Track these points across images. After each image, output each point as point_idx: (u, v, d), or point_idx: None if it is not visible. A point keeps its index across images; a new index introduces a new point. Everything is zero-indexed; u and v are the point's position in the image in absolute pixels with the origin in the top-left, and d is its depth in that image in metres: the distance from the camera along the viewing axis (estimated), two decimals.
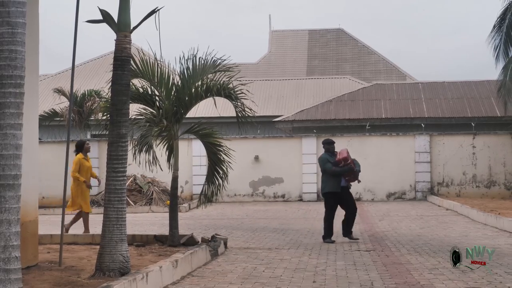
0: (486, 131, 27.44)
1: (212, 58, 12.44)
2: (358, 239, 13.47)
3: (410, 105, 31.96)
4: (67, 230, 13.85)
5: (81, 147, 14.95)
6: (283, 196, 27.50)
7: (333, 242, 13.13)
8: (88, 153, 15.28)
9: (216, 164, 12.70)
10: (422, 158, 26.76)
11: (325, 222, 13.48)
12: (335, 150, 14.10)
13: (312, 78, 42.17)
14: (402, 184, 26.86)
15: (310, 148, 27.30)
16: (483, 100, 31.61)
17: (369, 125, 29.79)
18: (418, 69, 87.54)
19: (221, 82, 12.47)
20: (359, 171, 13.72)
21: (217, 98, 12.71)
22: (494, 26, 24.23)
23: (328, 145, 14.15)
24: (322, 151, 27.03)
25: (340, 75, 43.70)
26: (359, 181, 13.88)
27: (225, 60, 12.54)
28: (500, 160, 26.42)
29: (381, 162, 26.52)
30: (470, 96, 32.20)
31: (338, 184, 13.49)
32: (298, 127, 31.18)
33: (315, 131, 29.19)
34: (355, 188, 26.79)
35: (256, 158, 27.58)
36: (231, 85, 12.58)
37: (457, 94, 32.54)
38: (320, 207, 23.32)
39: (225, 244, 12.20)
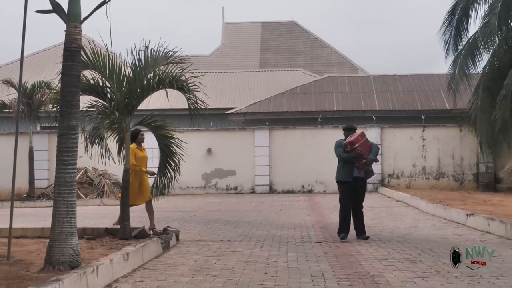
0: (435, 124, 27.86)
1: (164, 50, 12.35)
2: (368, 237, 12.21)
3: (362, 98, 32.26)
4: (153, 227, 12.84)
5: (135, 137, 13.30)
6: (235, 188, 27.54)
7: (344, 239, 11.99)
8: (142, 144, 13.61)
9: (168, 157, 12.65)
10: None
11: (339, 215, 12.45)
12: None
13: (265, 71, 42.24)
14: None
15: (263, 140, 27.38)
16: (433, 93, 32.08)
17: (321, 117, 29.98)
18: (370, 63, 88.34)
19: (174, 74, 12.40)
20: (372, 159, 12.37)
21: (169, 90, 12.63)
22: (444, 21, 24.51)
23: (347, 131, 12.86)
24: (274, 143, 27.56)
25: (293, 67, 43.87)
26: (370, 173, 12.56)
27: (177, 52, 12.47)
28: (449, 152, 26.86)
29: (333, 154, 26.53)
30: (420, 89, 32.64)
31: (349, 173, 12.33)
32: (251, 120, 31.22)
33: (267, 123, 29.27)
34: (306, 179, 27.27)
35: (209, 150, 27.56)
36: (183, 77, 12.52)
37: (408, 87, 32.95)
38: (272, 200, 23.55)
39: (177, 236, 12.17)
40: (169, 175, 12.69)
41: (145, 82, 12.28)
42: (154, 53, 12.26)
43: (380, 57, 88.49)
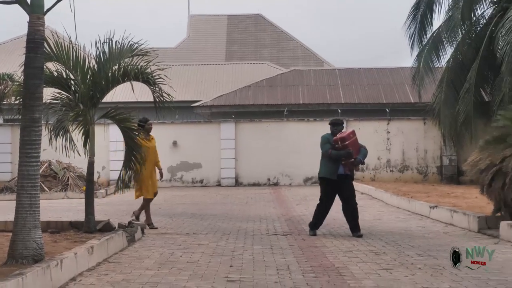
0: (400, 117, 28.08)
1: (129, 42, 12.28)
2: (362, 235, 11.53)
3: (327, 91, 32.39)
4: (137, 217, 13.44)
5: (142, 127, 13.15)
6: (201, 181, 27.49)
7: (313, 234, 11.71)
8: (150, 133, 13.70)
9: (133, 149, 12.56)
10: None
11: (315, 209, 12.07)
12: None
13: (231, 64, 42.20)
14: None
15: (229, 133, 27.36)
16: (397, 87, 32.34)
17: (287, 110, 30.06)
18: (335, 56, 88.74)
19: (139, 66, 12.33)
20: (361, 160, 11.68)
21: (134, 83, 12.56)
22: (408, 15, 24.76)
23: (334, 127, 12.16)
24: (240, 136, 27.54)
25: (259, 60, 43.88)
26: (355, 169, 12.04)
27: (142, 44, 12.41)
28: (413, 145, 27.11)
29: (298, 147, 26.79)
30: (385, 83, 32.89)
31: (333, 170, 11.60)
32: (217, 112, 31.19)
33: (233, 116, 29.26)
34: (272, 172, 27.32)
35: (175, 143, 27.46)
36: (149, 70, 12.46)
37: (373, 81, 33.17)
38: (238, 192, 23.56)
39: (143, 230, 12.12)
40: (134, 168, 12.61)
41: (109, 74, 12.19)
42: (119, 46, 12.19)
43: (345, 51, 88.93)
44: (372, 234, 11.93)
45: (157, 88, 12.52)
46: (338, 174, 11.62)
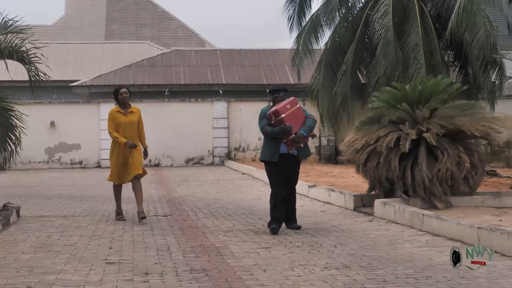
0: None
1: (3, 19, 11.87)
2: (300, 226, 10.10)
3: (209, 72, 32.42)
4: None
5: (116, 97, 11.35)
6: (80, 162, 26.93)
7: (275, 232, 9.64)
8: (126, 104, 11.30)
9: (8, 130, 12.19)
10: (220, 124, 27.30)
11: (270, 202, 9.98)
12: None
13: (110, 43, 41.44)
14: (201, 149, 27.26)
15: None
16: (277, 68, 32.77)
17: (168, 91, 29.88)
18: (217, 37, 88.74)
19: (13, 44, 11.94)
20: (303, 135, 9.65)
21: (9, 61, 12.16)
22: None
23: (273, 95, 10.15)
24: None
25: (140, 40, 43.32)
26: (304, 151, 10.03)
27: (17, 21, 12.03)
28: None
29: (180, 128, 26.70)
30: (265, 64, 33.25)
31: (274, 151, 9.80)
32: (96, 92, 30.58)
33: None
34: (154, 153, 27.08)
35: (52, 124, 26.74)
36: (24, 48, 12.09)
37: (254, 62, 33.46)
38: None
39: (18, 212, 11.75)
40: (9, 149, 12.24)
41: None
42: None
43: (227, 32, 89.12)
44: (252, 213, 12.09)
45: (32, 67, 12.19)
46: (280, 153, 9.80)
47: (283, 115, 9.60)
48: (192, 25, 50.85)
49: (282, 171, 9.87)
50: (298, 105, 9.84)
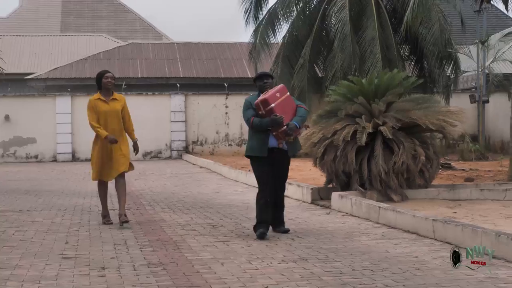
0: (238, 92, 28.48)
1: None
2: (288, 230, 9.13)
3: (166, 65, 32.28)
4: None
5: (99, 82, 10.10)
6: (36, 156, 26.62)
7: (262, 237, 8.59)
8: (109, 91, 10.10)
9: None
10: (178, 117, 27.21)
11: (256, 203, 8.93)
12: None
13: (66, 35, 41.00)
14: (159, 143, 27.15)
15: (65, 107, 26.62)
16: (235, 62, 32.78)
17: (125, 84, 29.65)
18: (175, 30, 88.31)
19: None
20: (296, 126, 8.57)
21: None
22: None
23: (261, 81, 8.91)
24: (77, 110, 26.82)
25: (96, 33, 42.90)
26: (295, 145, 8.90)
27: None
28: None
29: (137, 122, 26.02)
30: (223, 57, 33.23)
31: (262, 144, 8.70)
32: (52, 86, 30.26)
33: (69, 89, 28.50)
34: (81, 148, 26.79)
35: (7, 117, 26.37)
36: None
37: (211, 55, 33.42)
38: (75, 168, 23.02)
39: None
40: None
41: None
42: None
43: (186, 25, 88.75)
44: (210, 207, 12.08)
45: None
46: (269, 147, 8.72)
47: (273, 105, 8.47)
48: (149, 18, 50.47)
49: (271, 167, 8.77)
50: (288, 93, 8.82)
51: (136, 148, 10.16)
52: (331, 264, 7.11)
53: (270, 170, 8.77)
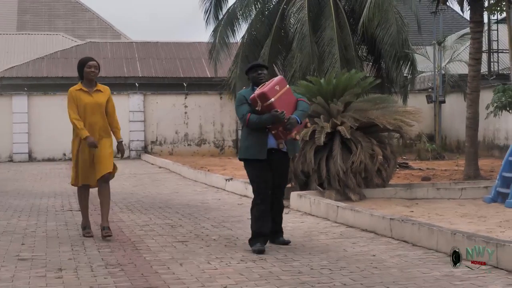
0: (197, 91, 28.45)
1: None
2: (289, 241, 8.16)
3: (124, 65, 32.05)
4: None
5: (80, 71, 9.08)
6: None
7: (261, 252, 7.57)
8: (93, 82, 9.14)
9: None
10: (136, 117, 27.04)
11: (251, 213, 7.86)
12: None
13: (22, 34, 40.45)
14: (116, 143, 26.90)
15: (21, 106, 26.24)
16: (194, 61, 32.69)
17: None
18: (134, 29, 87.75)
19: None
20: (297, 121, 7.55)
21: None
22: None
23: (257, 71, 7.98)
24: (34, 109, 26.50)
25: (53, 31, 42.40)
26: (294, 145, 7.93)
27: None
28: (210, 119, 27.59)
29: None
30: (182, 57, 33.11)
31: (261, 145, 7.67)
32: (8, 85, 29.81)
33: (26, 89, 28.11)
34: (68, 147, 26.50)
35: None
36: None
37: (170, 55, 33.27)
38: (32, 168, 22.73)
39: None
40: None
41: None
42: None
43: (144, 24, 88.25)
44: (169, 207, 12.03)
45: None
46: (268, 148, 7.72)
47: (272, 99, 7.44)
48: (107, 17, 50.06)
49: (270, 171, 7.79)
50: (287, 86, 7.79)
51: (121, 150, 9.07)
52: (289, 263, 7.13)
53: (270, 176, 7.77)
